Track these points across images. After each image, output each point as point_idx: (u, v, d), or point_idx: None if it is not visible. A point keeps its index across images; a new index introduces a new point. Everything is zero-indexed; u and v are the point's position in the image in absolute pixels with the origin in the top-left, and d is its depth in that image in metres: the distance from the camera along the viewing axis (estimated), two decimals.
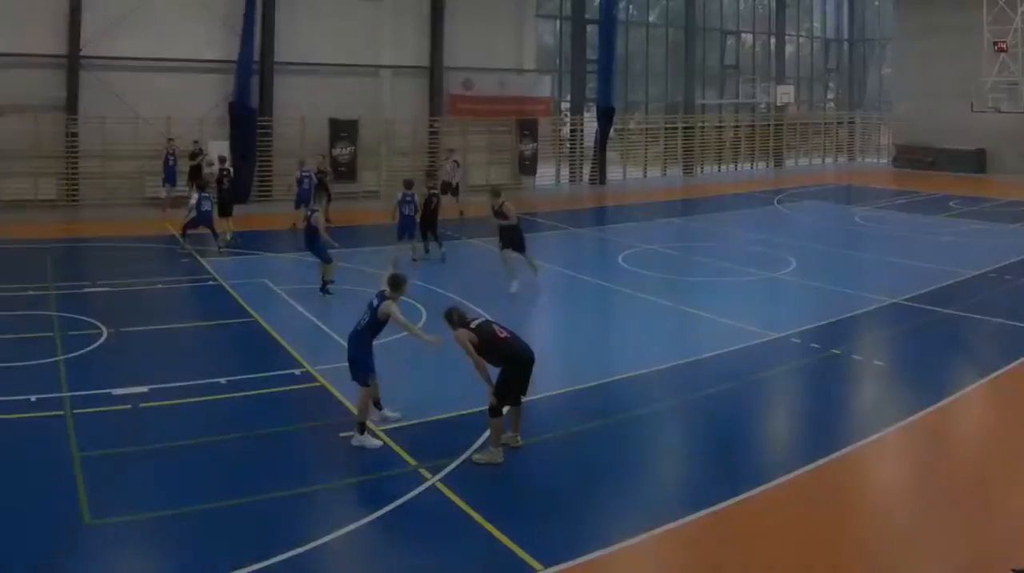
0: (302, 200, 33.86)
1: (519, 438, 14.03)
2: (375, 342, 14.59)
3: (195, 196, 30.57)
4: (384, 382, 14.92)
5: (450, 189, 38.54)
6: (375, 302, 14.20)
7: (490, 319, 14.71)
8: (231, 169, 35.30)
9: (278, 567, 10.37)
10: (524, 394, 13.95)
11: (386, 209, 31.01)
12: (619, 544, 11.08)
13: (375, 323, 14.15)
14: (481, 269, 28.03)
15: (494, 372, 13.90)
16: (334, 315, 19.93)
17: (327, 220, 28.18)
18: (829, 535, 11.66)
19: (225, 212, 32.02)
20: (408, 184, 29.25)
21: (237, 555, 10.51)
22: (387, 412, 14.95)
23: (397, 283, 14.40)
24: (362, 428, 14.03)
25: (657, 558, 11.22)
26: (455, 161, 40.05)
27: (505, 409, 13.69)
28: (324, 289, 23.81)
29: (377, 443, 14.01)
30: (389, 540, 11.44)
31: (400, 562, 10.98)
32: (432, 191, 30.57)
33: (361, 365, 14.14)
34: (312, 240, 24.37)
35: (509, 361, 13.66)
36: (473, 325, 13.85)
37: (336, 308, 18.15)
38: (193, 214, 29.93)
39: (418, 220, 29.13)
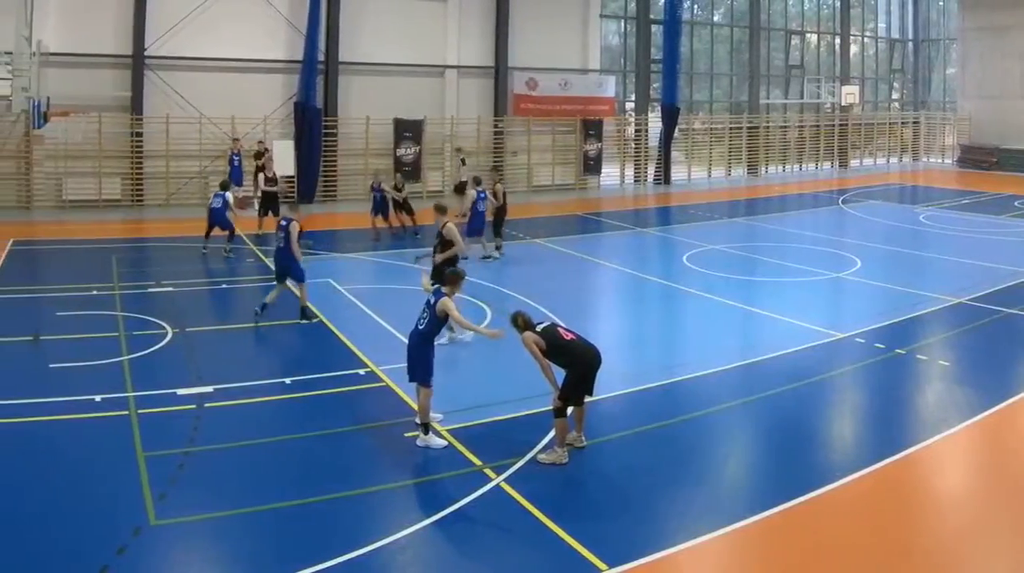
0: (376, 210, 32.67)
1: (584, 438, 13.70)
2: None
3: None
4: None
5: (459, 189, 37.73)
6: (432, 299, 13.90)
7: (556, 322, 14.17)
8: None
9: (342, 567, 10.17)
10: (590, 395, 13.61)
11: (456, 208, 29.36)
12: (684, 544, 10.84)
13: (435, 321, 13.82)
14: (544, 268, 27.09)
15: (559, 373, 13.49)
16: (399, 315, 18.90)
17: (397, 224, 29.32)
18: (894, 535, 11.33)
19: (265, 211, 31.36)
20: (478, 181, 28.76)
21: (301, 555, 10.33)
22: (435, 440, 14.08)
23: (454, 279, 14.14)
24: (426, 428, 13.72)
25: (722, 558, 10.95)
26: (462, 160, 38.78)
27: (569, 409, 13.39)
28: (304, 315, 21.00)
29: (442, 443, 13.69)
30: (453, 541, 11.15)
31: (464, 562, 10.75)
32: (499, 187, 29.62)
33: (421, 365, 13.77)
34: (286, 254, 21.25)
35: (575, 363, 13.29)
36: (539, 328, 13.42)
37: (400, 308, 17.33)
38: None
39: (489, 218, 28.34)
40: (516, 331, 13.52)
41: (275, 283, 21.02)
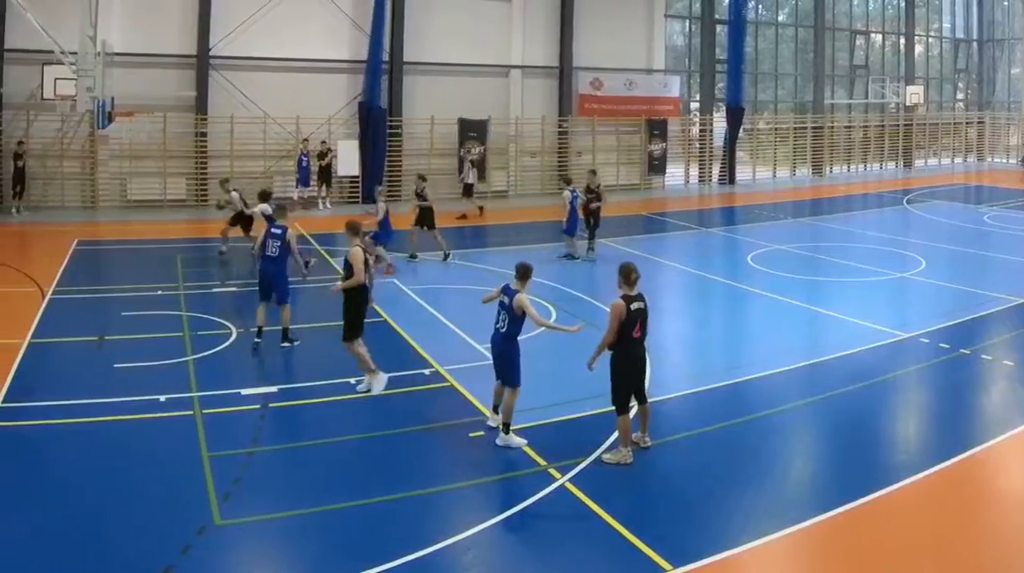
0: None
1: (648, 438, 13.41)
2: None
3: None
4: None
5: (466, 190, 36.70)
6: (506, 300, 13.56)
7: (646, 312, 13.11)
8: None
9: (406, 568, 9.98)
10: (643, 395, 13.36)
11: (556, 204, 29.10)
12: (748, 544, 10.57)
13: (515, 320, 13.46)
14: (609, 268, 25.35)
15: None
16: (463, 315, 18.82)
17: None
18: (958, 535, 11.14)
19: None
20: (569, 181, 28.02)
21: (365, 556, 10.11)
22: (515, 439, 13.69)
23: (524, 273, 13.71)
24: (507, 428, 13.43)
25: (786, 559, 10.71)
26: (471, 161, 37.38)
27: (633, 411, 13.10)
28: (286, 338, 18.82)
29: (522, 441, 13.40)
30: (518, 540, 10.98)
31: (529, 562, 10.49)
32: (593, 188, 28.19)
33: (510, 367, 13.52)
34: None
35: (623, 359, 12.88)
36: (634, 307, 12.82)
37: (465, 308, 17.13)
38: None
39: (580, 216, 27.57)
40: (622, 286, 12.95)
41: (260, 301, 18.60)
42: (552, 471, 12.44)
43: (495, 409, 13.97)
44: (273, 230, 18.42)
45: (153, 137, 36.60)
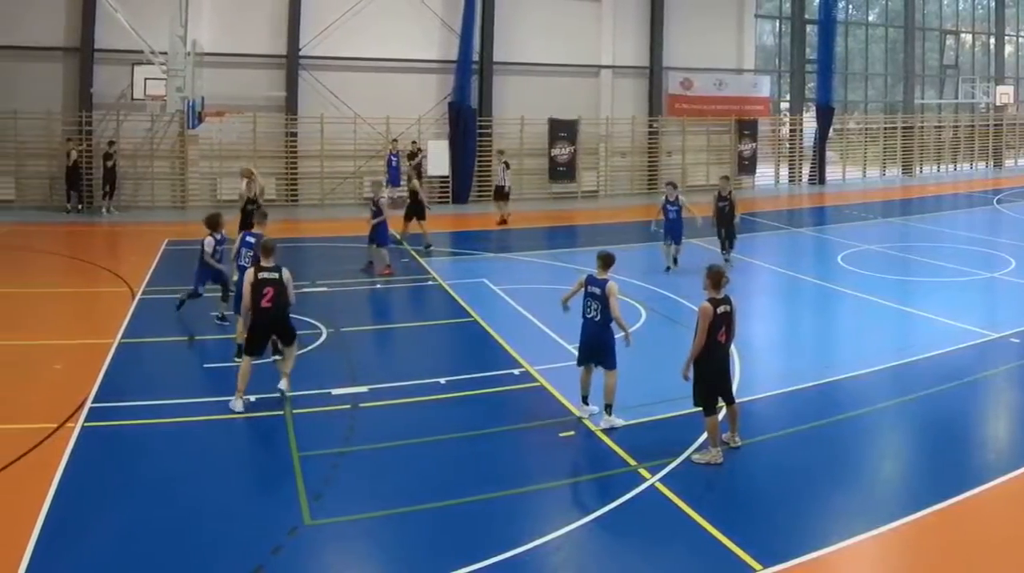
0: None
1: (738, 438, 12.87)
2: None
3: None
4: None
5: (501, 193, 34.11)
6: (597, 290, 13.34)
7: (732, 316, 12.59)
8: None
9: (496, 568, 9.63)
10: (730, 396, 12.79)
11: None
12: (838, 544, 10.20)
13: (608, 307, 13.22)
14: (699, 268, 24.26)
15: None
16: (553, 314, 17.07)
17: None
18: None
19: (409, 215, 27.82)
20: (675, 185, 25.75)
21: (455, 556, 9.78)
22: (593, 408, 13.85)
23: (609, 261, 13.58)
24: (610, 409, 13.37)
25: (876, 559, 10.24)
26: (505, 163, 34.80)
27: (722, 413, 12.63)
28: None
29: (622, 421, 13.37)
30: (607, 541, 10.52)
31: (619, 562, 10.08)
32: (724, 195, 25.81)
33: (608, 351, 13.37)
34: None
35: (706, 362, 12.38)
36: (720, 310, 12.33)
37: (554, 307, 15.12)
38: None
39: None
40: (706, 289, 12.56)
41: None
42: (642, 471, 12.00)
43: (584, 399, 13.76)
44: (247, 238, 16.79)
45: (243, 137, 35.59)
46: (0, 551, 9.70)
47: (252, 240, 16.48)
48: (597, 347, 13.42)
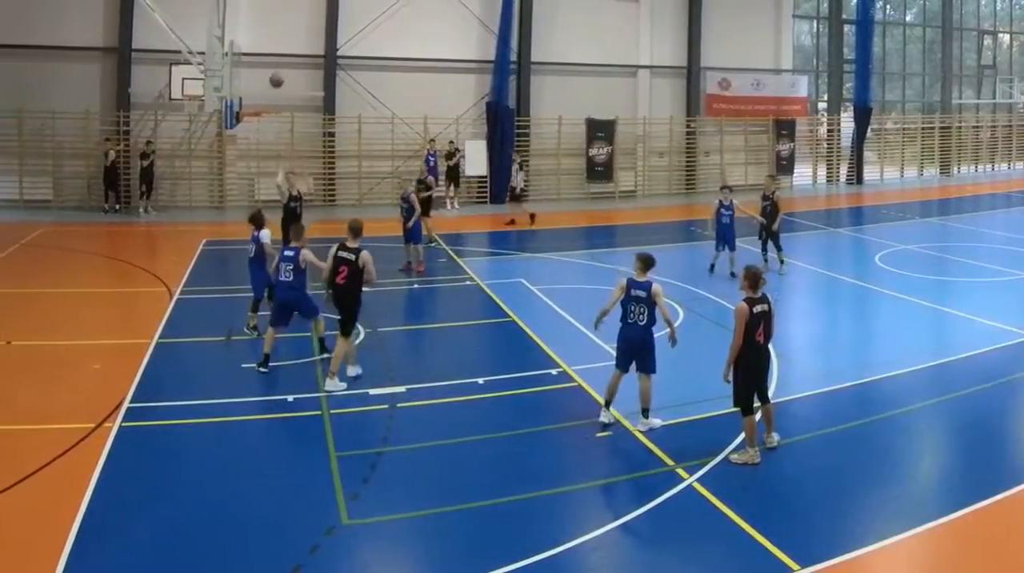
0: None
1: (776, 438, 12.73)
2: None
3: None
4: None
5: (513, 195, 33.07)
6: (642, 293, 13.06)
7: (770, 315, 12.49)
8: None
9: (534, 568, 9.52)
10: (765, 396, 12.64)
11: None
12: (875, 544, 10.02)
13: (654, 311, 13.08)
14: (737, 268, 24.33)
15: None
16: (591, 315, 15.94)
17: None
18: None
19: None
20: (730, 188, 24.62)
21: (493, 556, 9.65)
22: (655, 421, 13.43)
23: (650, 263, 13.27)
24: (647, 412, 13.21)
25: (914, 559, 10.09)
26: (519, 164, 33.88)
27: (758, 415, 12.46)
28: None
29: (659, 422, 13.25)
30: (645, 541, 10.49)
31: (656, 562, 10.06)
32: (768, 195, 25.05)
33: (651, 355, 13.18)
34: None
35: (743, 361, 12.24)
36: (757, 309, 12.20)
37: (592, 307, 14.99)
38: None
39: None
40: (744, 288, 12.43)
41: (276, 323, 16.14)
42: (680, 471, 11.90)
43: (608, 404, 13.42)
44: (286, 253, 15.90)
45: (281, 137, 35.16)
46: (38, 550, 9.59)
47: (291, 254, 15.74)
48: (640, 350, 13.19)
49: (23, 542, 9.85)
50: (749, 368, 12.30)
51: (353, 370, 15.28)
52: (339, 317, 15.06)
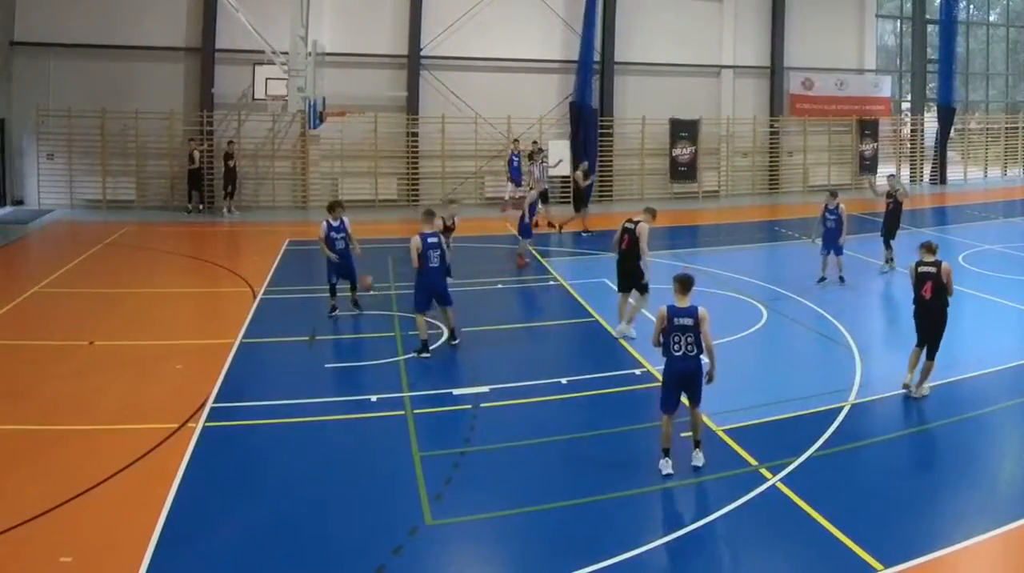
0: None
1: (924, 387, 13.72)
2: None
3: None
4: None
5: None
6: (689, 321, 11.64)
7: (936, 275, 13.60)
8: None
9: (617, 568, 9.13)
10: (931, 351, 13.70)
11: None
12: (960, 544, 9.59)
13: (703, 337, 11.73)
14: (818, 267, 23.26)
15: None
16: None
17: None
18: None
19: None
20: (834, 194, 22.89)
21: (575, 556, 9.29)
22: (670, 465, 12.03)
23: (689, 284, 11.85)
24: (699, 444, 11.99)
25: (997, 559, 9.69)
26: (545, 165, 31.92)
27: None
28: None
29: (704, 460, 11.90)
30: (728, 540, 9.98)
31: (740, 562, 9.68)
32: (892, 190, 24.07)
33: (702, 383, 11.80)
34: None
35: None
36: (921, 270, 13.74)
37: None
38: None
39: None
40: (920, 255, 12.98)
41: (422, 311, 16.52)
42: (763, 471, 11.47)
43: (667, 452, 11.55)
44: (430, 240, 16.01)
45: (364, 137, 33.84)
46: (123, 549, 9.36)
47: (434, 240, 16.00)
48: (691, 383, 11.73)
49: (107, 541, 9.57)
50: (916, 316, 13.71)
51: (632, 330, 16.17)
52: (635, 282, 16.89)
